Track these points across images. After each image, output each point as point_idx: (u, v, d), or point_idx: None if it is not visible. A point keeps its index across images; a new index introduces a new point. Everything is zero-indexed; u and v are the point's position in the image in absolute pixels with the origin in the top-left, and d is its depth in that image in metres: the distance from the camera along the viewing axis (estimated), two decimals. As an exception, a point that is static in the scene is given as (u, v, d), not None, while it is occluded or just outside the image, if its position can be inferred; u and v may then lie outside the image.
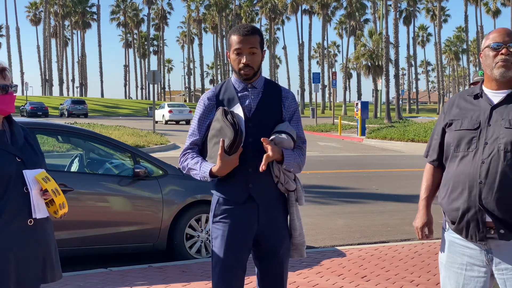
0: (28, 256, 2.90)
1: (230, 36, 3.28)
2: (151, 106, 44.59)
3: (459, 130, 2.98)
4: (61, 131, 7.11)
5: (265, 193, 3.26)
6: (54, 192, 2.90)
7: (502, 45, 2.91)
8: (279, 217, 3.33)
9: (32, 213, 2.88)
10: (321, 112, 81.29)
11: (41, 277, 2.97)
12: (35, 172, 2.92)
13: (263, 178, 3.22)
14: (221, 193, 3.28)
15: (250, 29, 3.26)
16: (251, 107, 3.27)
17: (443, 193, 3.02)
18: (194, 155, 3.30)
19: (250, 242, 3.29)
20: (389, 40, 49.17)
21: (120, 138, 20.97)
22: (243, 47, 3.22)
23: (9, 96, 2.94)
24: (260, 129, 3.23)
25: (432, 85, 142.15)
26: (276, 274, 3.34)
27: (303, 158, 3.33)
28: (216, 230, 3.29)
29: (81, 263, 6.59)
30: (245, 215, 3.24)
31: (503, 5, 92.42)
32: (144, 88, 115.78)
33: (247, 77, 3.27)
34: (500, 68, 2.91)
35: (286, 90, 3.42)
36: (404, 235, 8.38)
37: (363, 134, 31.87)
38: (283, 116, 3.33)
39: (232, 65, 3.30)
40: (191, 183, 6.94)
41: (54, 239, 3.07)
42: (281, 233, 3.34)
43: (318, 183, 13.66)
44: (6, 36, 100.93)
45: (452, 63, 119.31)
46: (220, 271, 3.24)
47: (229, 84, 3.34)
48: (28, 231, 2.89)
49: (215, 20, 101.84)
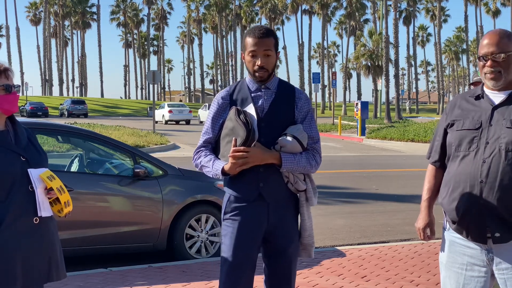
0: (34, 254, 2.92)
1: (245, 38, 3.31)
2: (151, 106, 44.57)
3: (460, 130, 2.98)
4: (61, 131, 7.11)
5: (275, 193, 3.29)
6: (59, 190, 2.93)
7: (488, 56, 2.91)
8: (289, 217, 3.35)
9: (38, 211, 2.91)
10: (321, 112, 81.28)
11: (47, 275, 2.99)
12: (39, 171, 2.94)
13: (273, 177, 3.26)
14: (232, 191, 3.31)
15: (265, 31, 3.29)
16: (264, 107, 3.31)
17: (444, 193, 3.02)
18: (208, 153, 3.35)
19: (259, 240, 3.32)
20: (389, 40, 49.19)
21: (120, 138, 20.97)
22: (258, 50, 3.25)
23: (13, 96, 2.96)
24: (272, 129, 3.26)
25: (432, 85, 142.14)
26: (284, 274, 3.36)
27: (312, 159, 3.33)
28: (226, 228, 3.33)
29: (81, 263, 6.59)
30: (255, 213, 3.27)
31: (503, 5, 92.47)
32: (144, 88, 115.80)
33: (262, 79, 3.30)
34: (490, 80, 2.94)
35: (300, 91, 3.44)
36: (404, 235, 8.38)
37: (363, 134, 31.87)
38: (296, 117, 3.35)
39: (247, 66, 3.33)
40: (191, 183, 6.95)
41: (58, 238, 3.10)
42: (291, 233, 3.35)
43: (318, 183, 13.55)
44: (6, 36, 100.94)
45: (452, 63, 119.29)
46: (229, 268, 3.27)
47: (243, 84, 3.38)
48: (34, 229, 2.92)
49: (215, 20, 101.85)
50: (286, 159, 3.22)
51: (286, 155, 3.23)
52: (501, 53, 2.89)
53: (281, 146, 3.24)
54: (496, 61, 2.89)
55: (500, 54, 2.89)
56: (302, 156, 3.28)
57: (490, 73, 2.91)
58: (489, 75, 2.92)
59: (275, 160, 3.22)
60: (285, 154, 3.23)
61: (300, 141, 3.27)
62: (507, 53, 2.89)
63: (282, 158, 3.22)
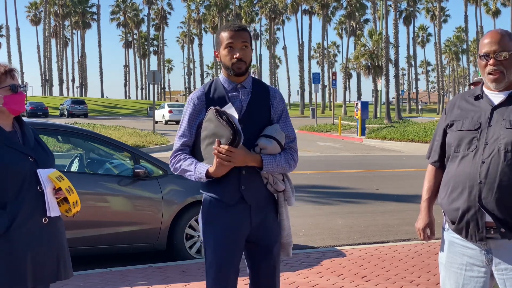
0: (44, 253, 2.96)
1: (220, 34, 3.28)
2: (151, 106, 44.60)
3: (460, 131, 2.98)
4: (61, 131, 7.11)
5: (256, 194, 3.25)
6: (68, 191, 2.96)
7: (490, 55, 2.90)
8: (271, 217, 3.33)
9: (47, 211, 2.94)
10: (321, 112, 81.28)
11: (55, 274, 3.03)
12: (48, 171, 2.97)
13: (254, 179, 3.22)
14: (212, 194, 3.25)
15: (241, 26, 3.29)
16: (242, 107, 3.26)
17: (443, 193, 3.02)
18: (187, 156, 3.28)
19: (242, 243, 3.28)
20: (389, 40, 49.17)
21: (120, 138, 20.98)
22: (236, 42, 3.22)
23: (19, 96, 2.98)
24: (250, 130, 3.21)
25: (432, 85, 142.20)
26: (269, 274, 3.34)
27: (291, 158, 3.30)
28: (208, 232, 3.26)
29: (81, 263, 6.59)
30: (237, 217, 3.23)
31: (503, 5, 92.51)
32: (144, 88, 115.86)
33: (239, 72, 3.24)
34: (491, 82, 2.93)
35: (274, 89, 3.41)
36: (404, 235, 8.38)
37: (363, 134, 31.87)
38: (272, 115, 3.33)
39: (222, 61, 3.27)
40: (191, 183, 6.84)
41: (65, 237, 3.14)
42: (275, 232, 3.34)
43: (318, 183, 13.66)
44: (6, 36, 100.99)
45: (452, 63, 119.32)
46: (215, 272, 3.22)
47: (218, 83, 3.32)
48: (43, 229, 2.95)
49: (215, 20, 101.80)
50: (267, 161, 3.19)
51: (266, 157, 3.20)
52: (502, 51, 2.88)
53: (261, 148, 3.20)
54: (498, 60, 2.89)
55: (502, 52, 2.88)
56: (281, 156, 3.25)
57: (493, 72, 2.90)
58: (492, 76, 2.91)
59: (256, 162, 3.18)
60: (266, 156, 3.20)
61: (279, 142, 3.24)
62: (509, 52, 2.89)
63: (264, 161, 3.18)
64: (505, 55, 2.89)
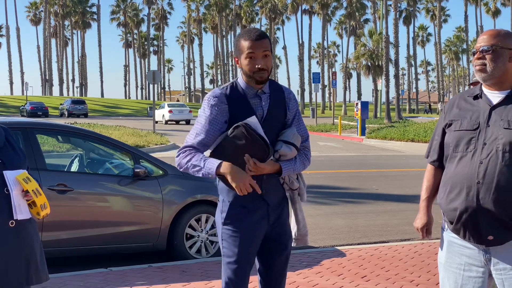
0: (10, 258, 2.83)
1: (240, 41, 3.26)
2: (151, 106, 44.57)
3: (458, 131, 2.99)
4: (61, 131, 7.12)
5: (275, 195, 3.36)
6: (35, 193, 2.85)
7: (475, 50, 2.97)
8: (285, 214, 3.45)
9: (14, 214, 2.83)
10: (321, 112, 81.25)
11: (25, 279, 2.91)
12: (15, 172, 2.86)
13: (273, 182, 3.32)
14: (234, 198, 3.27)
15: (261, 33, 3.27)
16: (263, 113, 3.32)
17: (442, 193, 3.03)
18: (199, 154, 3.24)
19: (260, 241, 3.37)
20: (389, 40, 49.16)
21: (120, 138, 20.96)
22: (257, 52, 3.22)
23: None
24: (271, 134, 3.28)
25: (432, 85, 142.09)
26: (281, 268, 3.44)
27: (305, 158, 3.42)
28: (229, 232, 3.29)
29: (81, 263, 6.60)
30: (258, 217, 3.30)
31: (503, 5, 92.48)
32: (144, 88, 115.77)
33: (262, 80, 3.26)
34: (478, 73, 2.98)
35: (287, 89, 3.47)
36: (404, 235, 8.39)
37: (363, 134, 31.87)
38: (287, 117, 3.41)
39: (244, 69, 3.27)
40: (191, 183, 6.95)
41: (38, 240, 3.01)
42: (289, 228, 3.47)
43: (318, 183, 13.66)
44: (6, 36, 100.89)
45: (452, 63, 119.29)
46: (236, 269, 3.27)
47: (238, 88, 3.32)
48: (9, 232, 2.83)
49: (215, 20, 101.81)
50: (285, 168, 3.30)
51: (285, 164, 3.29)
52: (485, 45, 2.93)
53: (281, 155, 3.28)
54: (481, 53, 2.94)
55: (485, 46, 2.93)
56: (296, 161, 3.35)
57: (478, 65, 2.96)
58: (477, 67, 2.97)
59: (276, 171, 3.29)
60: (284, 163, 3.29)
61: (297, 147, 3.34)
62: (493, 46, 2.92)
63: (282, 168, 3.28)
64: (487, 49, 2.93)
